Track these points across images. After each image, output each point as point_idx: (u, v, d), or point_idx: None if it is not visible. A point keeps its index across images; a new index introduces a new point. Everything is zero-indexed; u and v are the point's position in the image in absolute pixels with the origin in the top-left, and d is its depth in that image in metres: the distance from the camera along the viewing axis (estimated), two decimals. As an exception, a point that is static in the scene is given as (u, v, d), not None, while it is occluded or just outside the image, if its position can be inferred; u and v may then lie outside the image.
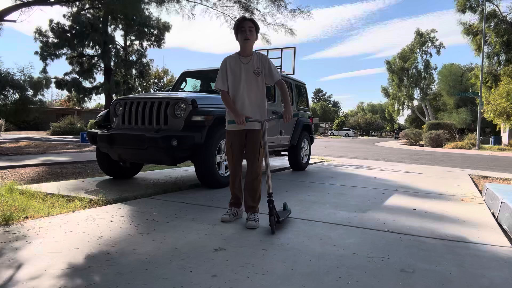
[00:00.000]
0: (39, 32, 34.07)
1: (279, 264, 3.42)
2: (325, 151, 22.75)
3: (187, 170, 9.90)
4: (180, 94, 7.59)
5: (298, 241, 4.11)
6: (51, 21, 33.79)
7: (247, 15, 20.22)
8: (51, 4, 18.85)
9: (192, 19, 20.30)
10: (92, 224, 4.51)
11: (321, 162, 14.20)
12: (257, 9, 20.60)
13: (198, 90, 10.06)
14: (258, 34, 4.91)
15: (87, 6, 32.57)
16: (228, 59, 4.90)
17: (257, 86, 4.81)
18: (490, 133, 57.07)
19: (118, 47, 36.72)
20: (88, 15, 34.35)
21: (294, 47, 11.89)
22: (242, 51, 4.87)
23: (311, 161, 12.95)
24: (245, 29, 4.74)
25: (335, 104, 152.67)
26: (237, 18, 5.01)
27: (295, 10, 20.38)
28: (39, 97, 17.18)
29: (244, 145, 4.87)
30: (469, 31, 41.10)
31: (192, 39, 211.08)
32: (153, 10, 33.67)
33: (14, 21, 18.10)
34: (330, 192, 7.26)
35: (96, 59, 36.34)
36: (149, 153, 6.87)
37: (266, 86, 4.91)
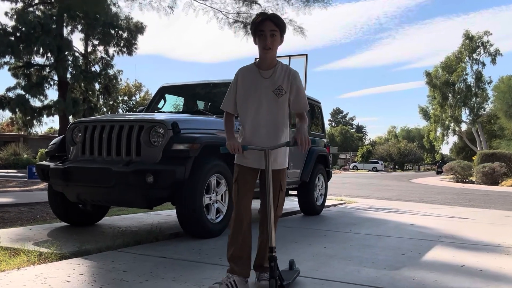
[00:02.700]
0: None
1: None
2: (346, 190, 22.74)
3: (166, 214, 9.91)
4: (158, 116, 7.65)
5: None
6: (-13, 21, 33.98)
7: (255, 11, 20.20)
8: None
9: (171, 14, 20.33)
10: (42, 285, 4.52)
11: (341, 204, 14.21)
12: (256, 2, 20.65)
13: (181, 110, 10.14)
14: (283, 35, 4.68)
15: (36, 1, 32.89)
16: (243, 72, 4.78)
17: (279, 110, 4.66)
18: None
19: (77, 54, 36.84)
20: (37, 12, 34.49)
21: (306, 55, 12.05)
22: (261, 61, 4.70)
23: (327, 202, 12.96)
24: (265, 33, 4.51)
25: (359, 129, 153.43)
26: (255, 16, 4.70)
27: (309, 0, 20.18)
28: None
29: (255, 183, 4.76)
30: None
31: (172, 44, 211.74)
32: (122, 5, 33.91)
33: None
34: (353, 244, 7.27)
35: (47, 70, 36.40)
36: (116, 192, 6.90)
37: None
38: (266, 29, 4.48)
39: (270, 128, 4.65)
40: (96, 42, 37.69)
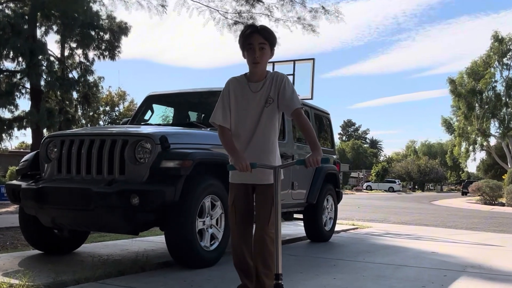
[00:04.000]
0: None
1: None
2: (358, 213, 22.77)
3: (154, 241, 9.92)
4: (144, 129, 7.68)
5: None
6: None
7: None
8: None
9: (163, 14, 20.27)
10: (12, 321, 4.53)
11: (353, 229, 14.22)
12: (260, 1, 20.57)
13: (171, 122, 10.17)
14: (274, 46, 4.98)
15: (4, -2, 32.91)
16: (233, 83, 5.03)
17: (268, 122, 4.93)
18: None
19: (52, 58, 36.71)
20: (7, 11, 34.42)
21: (313, 59, 12.03)
22: (250, 75, 4.98)
23: (337, 227, 12.96)
24: (254, 46, 4.80)
25: (374, 144, 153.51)
26: (243, 28, 5.06)
27: (316, 10, 20.04)
28: None
29: (253, 202, 4.98)
30: None
31: (160, 47, 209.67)
32: (106, 2, 33.82)
33: None
34: (366, 274, 7.27)
35: (19, 76, 36.27)
36: (97, 216, 6.91)
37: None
38: (255, 42, 4.78)
39: (260, 144, 4.90)
40: (74, 45, 37.53)
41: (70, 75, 38.00)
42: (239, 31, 5.99)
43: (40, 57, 34.94)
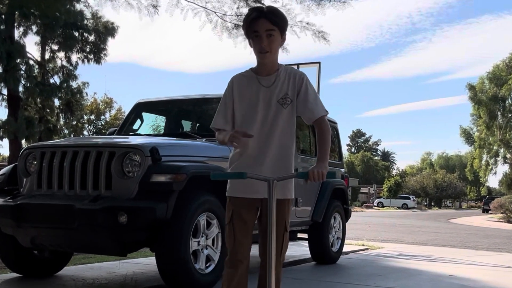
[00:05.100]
0: None
1: None
2: (369, 233, 22.78)
3: (143, 263, 9.93)
4: (133, 140, 7.71)
5: None
6: None
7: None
8: None
9: (155, 15, 20.19)
10: None
11: (363, 250, 14.22)
12: (259, 1, 20.50)
13: (162, 132, 10.18)
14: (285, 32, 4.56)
15: (-21, -4, 32.99)
16: (237, 79, 4.70)
17: (284, 124, 4.54)
18: None
19: (31, 62, 36.81)
20: (-18, 10, 34.72)
21: (319, 63, 12.09)
22: (259, 67, 4.61)
23: (346, 248, 12.98)
24: (261, 34, 4.40)
25: (386, 156, 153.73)
26: (247, 11, 4.64)
27: None
28: None
29: (255, 221, 4.61)
30: None
31: (150, 49, 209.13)
32: (92, 3, 33.82)
33: None
34: (378, 300, 7.29)
35: (-5, 81, 36.55)
36: (81, 235, 6.93)
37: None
38: (261, 29, 4.37)
39: (276, 151, 4.51)
40: (55, 47, 37.54)
41: (51, 81, 37.99)
42: (241, 36, 5.70)
43: (18, 60, 34.93)
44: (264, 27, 4.34)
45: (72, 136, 40.22)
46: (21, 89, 35.88)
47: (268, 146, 4.49)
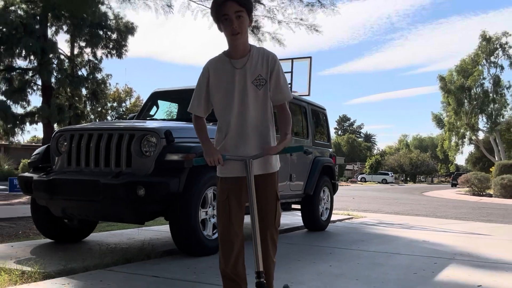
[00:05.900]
0: None
1: None
2: (353, 204, 22.73)
3: (159, 230, 9.91)
4: (149, 124, 7.66)
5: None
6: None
7: None
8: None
9: (170, 14, 19.99)
10: (25, 306, 4.52)
11: (348, 219, 14.21)
12: (260, 3, 20.37)
13: (175, 117, 10.15)
14: (252, 16, 4.31)
15: (18, -1, 32.76)
16: (211, 64, 4.41)
17: (259, 104, 4.30)
18: None
19: (62, 57, 36.74)
20: (19, 12, 34.37)
21: (310, 57, 12.03)
22: (232, 50, 4.32)
23: (333, 217, 12.94)
24: (230, 16, 4.10)
25: (368, 138, 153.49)
26: None
27: (313, 3, 19.95)
28: None
29: (245, 195, 4.28)
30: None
31: (165, 46, 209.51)
32: (114, 6, 33.68)
33: None
34: (361, 262, 7.27)
35: (31, 74, 36.22)
36: (105, 206, 6.90)
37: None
38: (230, 11, 4.08)
39: (256, 130, 4.31)
40: (83, 44, 37.52)
41: (80, 73, 38.03)
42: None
43: (51, 55, 34.99)
44: (233, 9, 4.06)
45: (97, 120, 40.19)
46: (53, 80, 35.95)
47: (248, 126, 4.28)
